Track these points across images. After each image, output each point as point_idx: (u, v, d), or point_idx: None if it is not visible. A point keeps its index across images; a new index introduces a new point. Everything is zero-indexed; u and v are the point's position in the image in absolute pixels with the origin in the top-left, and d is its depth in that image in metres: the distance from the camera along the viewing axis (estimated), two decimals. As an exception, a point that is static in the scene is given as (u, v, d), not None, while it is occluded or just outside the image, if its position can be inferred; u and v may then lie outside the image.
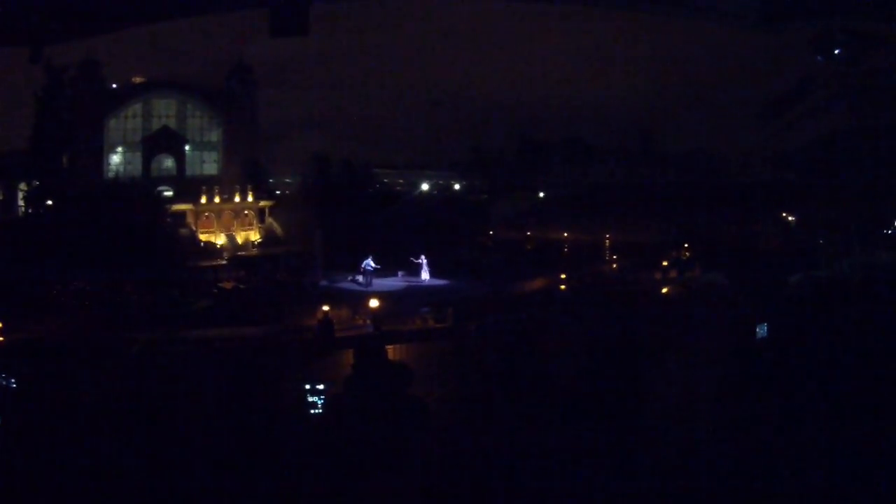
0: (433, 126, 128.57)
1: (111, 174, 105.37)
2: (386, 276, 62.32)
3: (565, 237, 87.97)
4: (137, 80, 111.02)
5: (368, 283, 57.23)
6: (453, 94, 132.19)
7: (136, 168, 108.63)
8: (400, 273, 63.32)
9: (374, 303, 37.70)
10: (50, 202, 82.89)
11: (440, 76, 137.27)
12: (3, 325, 41.37)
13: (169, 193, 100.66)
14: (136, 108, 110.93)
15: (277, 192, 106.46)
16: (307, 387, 10.23)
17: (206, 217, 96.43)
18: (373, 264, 59.76)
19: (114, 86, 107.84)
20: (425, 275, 60.31)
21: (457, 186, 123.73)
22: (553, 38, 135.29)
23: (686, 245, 69.97)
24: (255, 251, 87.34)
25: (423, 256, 65.66)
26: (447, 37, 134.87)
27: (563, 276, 51.61)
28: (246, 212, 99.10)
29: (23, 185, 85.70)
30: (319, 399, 10.02)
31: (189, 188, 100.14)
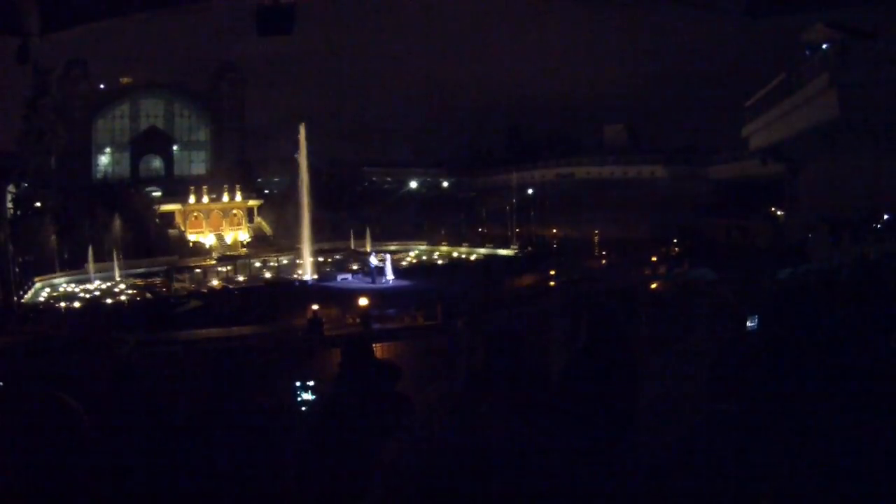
0: (423, 123, 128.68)
1: (99, 175, 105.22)
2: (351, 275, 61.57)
3: (554, 234, 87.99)
4: (125, 80, 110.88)
5: (376, 280, 56.70)
6: (443, 91, 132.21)
7: (125, 168, 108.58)
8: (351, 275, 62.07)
9: (363, 301, 37.57)
10: (38, 203, 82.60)
11: (430, 73, 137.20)
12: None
13: (157, 193, 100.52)
14: (124, 108, 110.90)
15: (266, 192, 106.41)
16: (297, 384, 10.12)
17: (195, 217, 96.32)
18: (377, 262, 59.22)
19: (101, 86, 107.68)
20: (389, 275, 59.32)
21: (445, 184, 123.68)
22: (541, 34, 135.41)
23: (675, 241, 70.02)
24: (243, 251, 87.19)
25: (387, 255, 64.64)
26: (436, 35, 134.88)
27: (552, 272, 51.54)
28: (234, 211, 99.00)
29: (11, 187, 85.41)
30: (310, 396, 9.88)
31: (177, 188, 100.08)
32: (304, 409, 9.60)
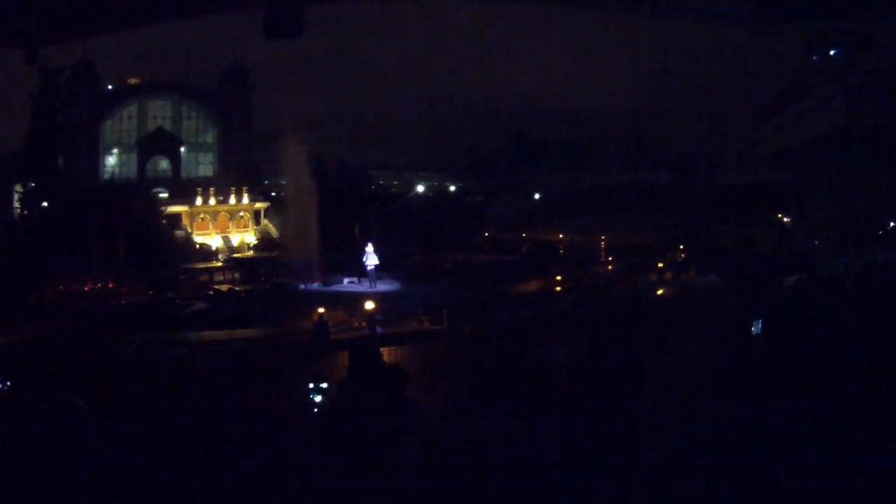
0: (429, 127, 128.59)
1: (107, 176, 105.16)
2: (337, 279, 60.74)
3: (561, 238, 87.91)
4: (133, 81, 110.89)
5: (373, 285, 56.55)
6: (449, 95, 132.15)
7: (132, 170, 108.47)
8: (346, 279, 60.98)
9: (369, 305, 37.59)
10: (46, 203, 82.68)
11: (436, 77, 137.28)
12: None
13: (164, 195, 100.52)
14: (132, 109, 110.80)
15: (273, 194, 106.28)
16: (310, 385, 10.08)
17: (202, 219, 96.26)
18: (372, 263, 58.91)
19: (109, 87, 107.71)
20: (372, 261, 58.57)
21: (452, 188, 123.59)
22: (548, 40, 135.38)
23: (681, 246, 69.95)
24: (250, 253, 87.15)
25: (369, 246, 62.98)
26: (442, 38, 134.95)
27: (558, 277, 51.53)
28: (241, 213, 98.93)
29: (18, 187, 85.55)
30: (323, 398, 9.85)
31: (184, 190, 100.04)
32: (314, 411, 9.64)
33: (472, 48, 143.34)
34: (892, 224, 49.16)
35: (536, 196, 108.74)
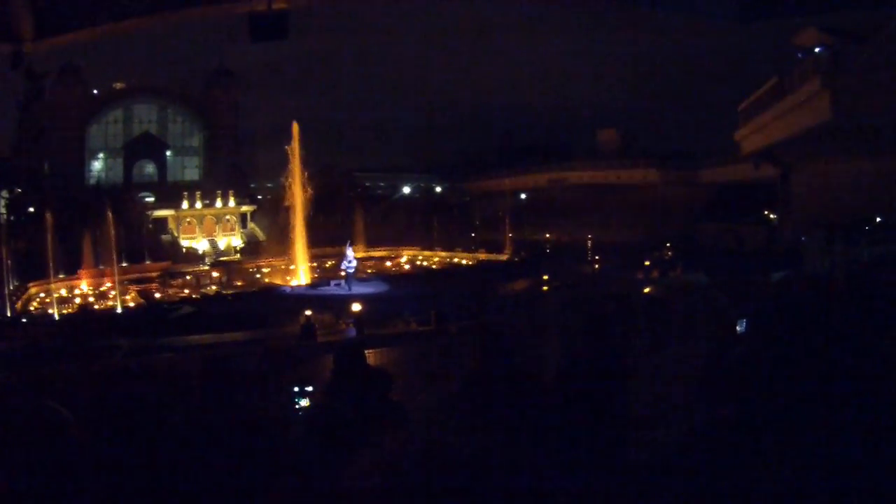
0: (417, 129, 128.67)
1: (93, 180, 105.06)
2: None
3: (547, 238, 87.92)
4: (118, 85, 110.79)
5: (349, 287, 56.36)
6: (437, 97, 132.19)
7: (118, 174, 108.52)
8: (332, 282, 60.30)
9: (356, 307, 37.46)
10: (31, 209, 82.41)
11: (424, 79, 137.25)
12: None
13: (150, 199, 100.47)
14: (117, 113, 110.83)
15: (259, 197, 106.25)
16: (295, 389, 10.01)
17: (188, 222, 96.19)
18: (353, 268, 58.63)
19: (95, 91, 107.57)
20: (351, 263, 58.23)
21: (438, 189, 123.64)
22: (536, 41, 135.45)
23: (668, 245, 69.90)
24: (237, 256, 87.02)
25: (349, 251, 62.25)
26: (431, 40, 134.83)
27: (545, 276, 51.43)
28: (228, 217, 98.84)
29: (4, 192, 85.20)
30: (308, 402, 9.80)
31: (171, 194, 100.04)
32: (298, 415, 9.57)
33: (459, 50, 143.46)
34: (878, 220, 49.24)
35: (523, 196, 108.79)
